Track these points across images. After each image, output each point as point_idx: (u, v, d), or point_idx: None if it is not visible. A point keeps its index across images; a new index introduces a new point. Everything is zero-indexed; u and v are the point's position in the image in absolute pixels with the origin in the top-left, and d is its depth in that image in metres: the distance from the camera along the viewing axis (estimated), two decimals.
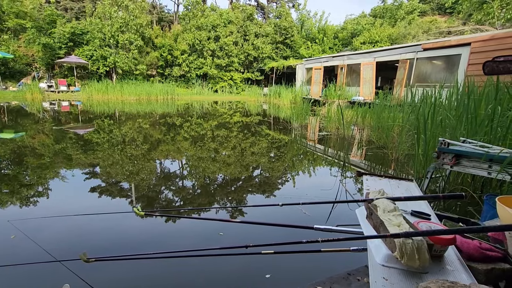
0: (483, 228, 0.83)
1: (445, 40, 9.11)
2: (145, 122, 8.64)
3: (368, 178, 1.67)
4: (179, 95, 19.78)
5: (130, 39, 18.90)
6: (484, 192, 2.73)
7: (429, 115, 3.53)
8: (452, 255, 0.96)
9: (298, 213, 2.52)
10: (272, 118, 10.65)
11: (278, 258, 1.56)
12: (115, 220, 2.31)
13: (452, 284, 0.69)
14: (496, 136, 2.86)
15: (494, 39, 7.37)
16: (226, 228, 2.12)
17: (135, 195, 3.02)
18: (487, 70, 2.07)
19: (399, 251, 0.83)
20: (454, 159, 2.58)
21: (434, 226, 0.99)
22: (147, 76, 21.53)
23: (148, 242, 1.97)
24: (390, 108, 6.11)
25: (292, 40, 24.23)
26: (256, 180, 3.75)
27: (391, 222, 0.95)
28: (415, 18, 20.71)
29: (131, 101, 16.62)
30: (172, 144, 5.71)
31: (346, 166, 4.29)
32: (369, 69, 11.63)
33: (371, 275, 0.84)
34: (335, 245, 1.20)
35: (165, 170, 4.06)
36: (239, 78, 23.55)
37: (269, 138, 6.59)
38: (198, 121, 9.19)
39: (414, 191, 1.52)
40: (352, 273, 1.14)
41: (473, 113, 3.08)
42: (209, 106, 15.40)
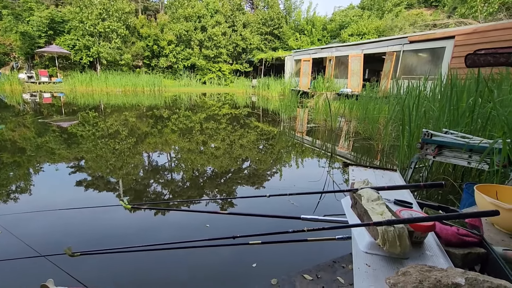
0: (459, 215, 0.87)
1: (430, 33, 9.26)
2: (131, 114, 8.46)
3: (354, 169, 1.71)
4: (166, 87, 19.41)
5: (113, 27, 18.23)
6: (464, 181, 2.84)
7: (414, 107, 3.61)
8: (432, 241, 1.00)
9: (287, 204, 2.56)
10: (261, 110, 10.64)
11: (266, 248, 1.59)
12: (101, 213, 2.28)
13: (430, 268, 0.73)
14: (477, 127, 2.97)
15: (477, 33, 7.55)
16: (214, 220, 2.13)
17: (122, 188, 2.98)
18: (469, 63, 2.12)
19: (381, 238, 0.86)
20: (437, 149, 2.66)
21: (415, 214, 1.02)
22: (133, 67, 20.96)
23: (135, 235, 1.96)
24: (376, 100, 6.21)
25: (281, 31, 24.05)
26: (245, 172, 3.76)
27: (374, 210, 0.98)
28: (402, 11, 20.90)
29: (117, 93, 16.19)
30: (159, 136, 5.63)
31: (333, 158, 4.36)
32: (357, 61, 11.73)
33: (355, 262, 0.86)
34: (321, 234, 1.23)
35: (152, 163, 4.01)
36: (227, 69, 23.26)
37: (257, 131, 6.60)
38: (186, 114, 9.08)
39: (398, 180, 1.57)
40: (337, 260, 1.17)
41: (455, 105, 3.17)
42: (198, 98, 15.20)
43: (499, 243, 1.36)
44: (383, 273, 0.82)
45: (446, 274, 0.68)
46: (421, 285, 0.65)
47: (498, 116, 2.51)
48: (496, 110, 2.50)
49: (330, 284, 1.04)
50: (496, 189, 1.51)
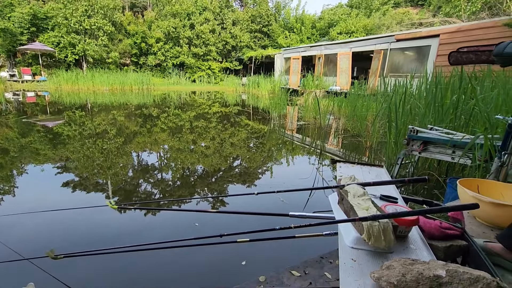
0: (441, 209, 0.89)
1: (416, 32, 9.44)
2: (120, 113, 8.31)
3: (341, 165, 1.73)
4: (155, 85, 19.14)
5: (98, 24, 17.79)
6: (449, 176, 2.92)
7: (400, 104, 3.68)
8: (416, 235, 1.02)
9: (277, 202, 2.57)
10: (251, 109, 10.63)
11: (254, 245, 1.60)
12: (87, 215, 2.23)
13: (413, 261, 0.74)
14: (460, 124, 3.05)
15: (461, 31, 7.75)
16: (202, 219, 2.12)
17: (109, 188, 2.92)
18: (452, 61, 2.17)
19: (367, 233, 0.88)
20: (422, 145, 2.72)
21: (399, 208, 1.04)
22: (120, 65, 20.55)
23: (121, 236, 1.92)
24: (364, 97, 6.30)
25: (270, 29, 24.04)
26: (235, 170, 3.75)
27: (360, 206, 0.99)
28: (389, 10, 21.23)
29: (104, 92, 15.85)
30: (148, 136, 5.55)
31: (322, 155, 4.40)
32: (346, 59, 11.85)
33: (341, 257, 0.87)
34: (308, 230, 1.23)
35: (140, 163, 3.95)
36: (217, 67, 23.11)
37: (248, 129, 6.59)
38: (176, 112, 8.98)
39: (384, 176, 1.59)
40: (325, 256, 1.18)
41: (439, 102, 3.24)
42: (187, 97, 15.06)
43: (480, 235, 1.40)
44: (369, 267, 0.83)
45: (428, 266, 0.69)
46: (404, 278, 0.67)
47: (480, 113, 2.59)
48: (479, 106, 2.57)
49: (317, 279, 1.05)
50: (478, 183, 1.56)
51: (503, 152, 1.67)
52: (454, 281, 0.65)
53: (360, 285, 0.76)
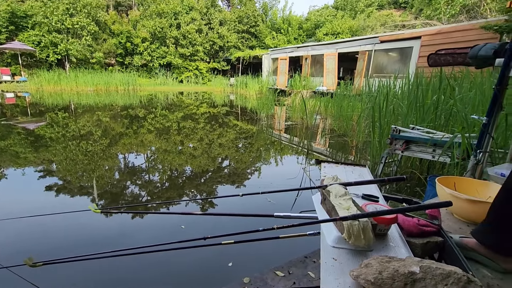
0: (418, 207, 0.93)
1: (399, 33, 9.69)
2: (104, 114, 8.12)
3: (325, 166, 1.76)
4: (142, 86, 18.84)
5: (82, 23, 17.33)
6: (430, 174, 3.01)
7: (384, 104, 3.77)
8: (395, 232, 1.06)
9: (264, 202, 2.58)
10: (240, 109, 10.62)
11: (240, 247, 1.60)
12: (69, 220, 2.17)
13: (390, 259, 0.77)
14: (440, 123, 3.15)
15: (441, 33, 8.01)
16: (189, 221, 2.11)
17: (93, 192, 2.86)
18: (431, 62, 2.24)
19: (347, 232, 0.90)
20: (405, 144, 2.80)
21: (379, 207, 1.07)
22: (105, 65, 20.09)
23: (105, 241, 1.89)
24: (350, 98, 6.41)
25: (258, 30, 24.10)
26: (222, 172, 3.74)
27: (341, 206, 1.02)
28: (373, 11, 21.71)
29: (88, 92, 15.46)
30: (134, 137, 5.45)
31: (309, 155, 4.45)
32: (332, 60, 12.02)
33: (322, 256, 0.89)
34: (292, 230, 1.25)
35: (124, 165, 3.88)
36: (205, 68, 22.96)
37: (236, 129, 6.58)
38: (163, 113, 8.86)
39: (366, 175, 1.63)
40: (309, 255, 1.20)
41: (421, 102, 3.35)
42: (174, 97, 14.89)
43: (457, 231, 1.46)
44: (349, 266, 0.85)
45: (403, 263, 0.72)
46: (380, 276, 0.69)
47: (458, 113, 2.69)
48: (456, 107, 2.67)
49: (301, 279, 1.06)
50: (455, 181, 1.62)
51: (478, 151, 1.74)
52: (427, 276, 0.67)
53: (340, 284, 0.78)
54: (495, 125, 1.75)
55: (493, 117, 1.69)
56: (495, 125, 1.76)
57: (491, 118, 1.68)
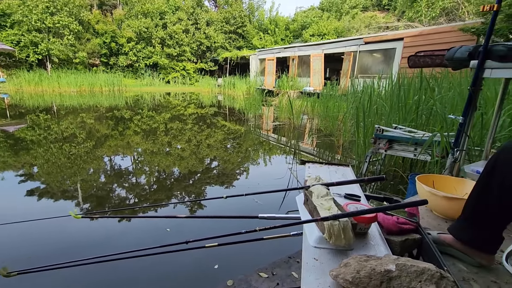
0: (395, 206, 0.95)
1: (383, 35, 9.92)
2: (89, 116, 7.92)
3: (310, 166, 1.77)
4: (127, 86, 18.47)
5: (63, 22, 16.83)
6: (412, 172, 3.10)
7: (368, 104, 3.85)
8: (375, 231, 1.08)
9: (251, 203, 2.59)
10: (228, 110, 10.58)
11: (224, 250, 1.60)
12: (49, 226, 2.10)
13: (368, 257, 0.78)
14: (421, 122, 3.25)
15: (422, 35, 8.25)
16: (174, 224, 2.08)
17: (73, 197, 2.78)
18: (411, 64, 2.31)
19: (328, 232, 0.91)
20: (388, 143, 2.87)
21: (360, 206, 1.09)
22: (89, 65, 19.59)
23: (85, 248, 1.84)
24: (335, 98, 6.51)
25: (245, 30, 24.11)
26: (210, 173, 3.72)
27: (322, 206, 1.03)
28: (358, 13, 22.13)
29: (71, 93, 15.04)
30: (120, 139, 5.34)
31: (297, 155, 4.49)
32: (318, 61, 12.16)
33: (304, 257, 0.90)
34: (276, 231, 1.26)
35: (107, 169, 3.80)
36: (192, 68, 22.77)
37: (224, 130, 6.56)
38: (150, 114, 8.72)
39: (349, 175, 1.66)
40: (293, 256, 1.21)
41: (403, 102, 3.44)
42: (161, 98, 14.68)
43: (435, 227, 1.51)
44: (330, 266, 0.86)
45: (380, 262, 0.74)
46: (358, 275, 0.70)
47: (438, 112, 2.77)
48: (436, 106, 2.76)
49: (284, 279, 1.07)
50: (433, 179, 1.67)
51: (456, 149, 1.80)
52: (402, 274, 0.69)
53: (320, 284, 0.79)
54: (471, 124, 1.81)
55: (468, 117, 1.76)
56: (471, 124, 1.83)
57: (467, 118, 1.75)
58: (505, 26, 4.07)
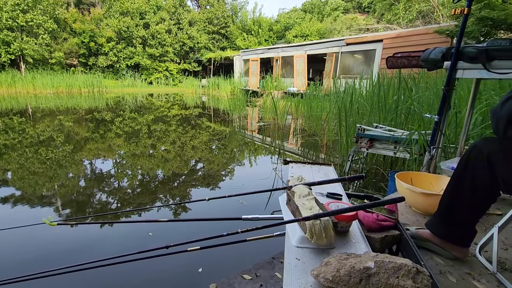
0: (374, 203, 0.97)
1: (363, 36, 10.17)
2: (67, 118, 7.62)
3: (293, 166, 1.79)
4: (108, 88, 17.93)
5: (37, 20, 16.11)
6: (393, 169, 3.19)
7: (350, 104, 3.93)
8: (356, 229, 1.10)
9: (237, 205, 2.57)
10: (212, 110, 10.50)
11: (208, 252, 1.58)
12: (21, 235, 2.00)
13: (348, 256, 0.79)
14: (401, 121, 3.35)
15: (400, 37, 8.53)
16: (157, 228, 2.04)
17: (49, 203, 2.66)
18: (389, 65, 2.38)
19: (309, 232, 0.92)
20: (369, 142, 2.94)
21: (341, 205, 1.11)
22: (66, 66, 18.86)
23: (62, 257, 1.76)
24: (319, 98, 6.60)
25: (228, 31, 24.05)
26: (196, 175, 3.67)
27: (304, 206, 1.04)
28: (339, 15, 22.60)
29: (48, 95, 14.45)
30: (101, 142, 5.17)
31: (282, 155, 4.51)
32: (301, 62, 12.30)
33: (286, 257, 0.90)
34: (260, 232, 1.25)
35: (85, 173, 3.67)
36: (175, 69, 22.44)
37: (208, 131, 6.50)
38: (132, 116, 8.51)
39: (331, 174, 1.69)
40: (276, 256, 1.21)
41: (383, 102, 3.53)
42: (144, 99, 14.37)
43: (414, 223, 1.56)
44: (311, 265, 0.87)
45: (359, 260, 0.75)
46: (338, 273, 0.71)
47: (416, 111, 2.87)
48: (413, 106, 2.85)
49: (268, 280, 1.07)
50: (411, 176, 1.72)
51: (432, 147, 1.87)
52: (381, 271, 0.71)
53: (302, 283, 0.79)
54: (445, 122, 1.89)
55: (443, 116, 1.83)
56: (446, 122, 1.91)
57: (442, 117, 1.82)
58: (476, 29, 4.29)
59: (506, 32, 4.56)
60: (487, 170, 1.00)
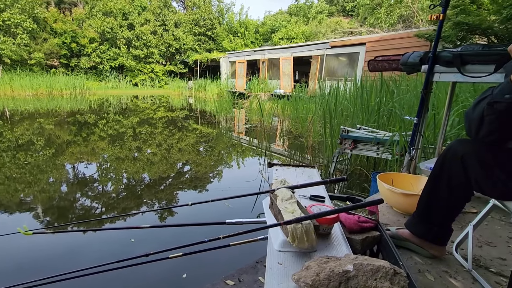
0: (354, 206, 0.99)
1: (347, 39, 10.38)
2: (48, 121, 7.36)
3: (277, 168, 1.79)
4: (91, 89, 17.45)
5: (15, 20, 15.52)
6: (376, 170, 3.26)
7: (334, 106, 3.99)
8: (338, 231, 1.11)
9: (223, 208, 2.55)
10: (199, 112, 10.40)
11: (192, 258, 1.56)
12: None
13: (328, 259, 0.80)
14: (383, 123, 3.43)
15: (382, 40, 8.76)
16: (139, 234, 1.99)
17: (24, 211, 2.55)
18: (371, 68, 2.43)
19: (291, 235, 0.92)
20: (353, 143, 2.99)
21: (323, 208, 1.12)
22: (46, 67, 18.22)
23: (38, 268, 1.69)
24: (305, 100, 6.67)
25: (215, 33, 23.97)
26: (181, 179, 3.62)
27: (286, 209, 1.04)
28: (324, 18, 22.99)
29: (27, 97, 13.92)
30: (84, 145, 5.02)
31: (268, 156, 4.52)
32: (287, 64, 12.41)
33: (268, 262, 0.90)
34: (244, 236, 1.25)
35: (64, 179, 3.54)
36: (161, 70, 22.12)
37: (195, 134, 6.43)
38: (116, 118, 8.31)
39: (315, 176, 1.70)
40: (260, 260, 1.21)
41: (366, 104, 3.61)
42: (129, 101, 14.08)
43: (395, 223, 1.59)
44: (293, 269, 0.87)
45: (339, 263, 0.76)
46: (318, 278, 0.72)
47: (397, 113, 2.95)
48: (394, 108, 2.92)
49: (251, 285, 1.06)
50: (392, 177, 1.76)
51: (412, 148, 1.92)
52: (359, 273, 0.72)
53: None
54: (424, 124, 1.95)
55: (422, 117, 1.88)
56: (425, 124, 1.97)
57: (420, 119, 1.87)
58: (453, 33, 4.46)
59: (480, 37, 4.77)
60: (462, 171, 1.03)
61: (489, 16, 4.34)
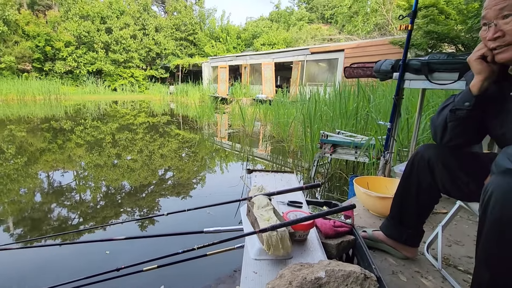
0: (328, 212, 1.01)
1: (326, 46, 10.67)
2: (19, 128, 6.98)
3: (256, 175, 1.79)
4: (67, 95, 16.78)
5: None
6: (355, 173, 3.34)
7: (314, 111, 4.06)
8: (314, 236, 1.13)
9: (204, 216, 2.52)
10: (181, 118, 10.26)
11: (168, 270, 1.52)
12: None
13: (301, 266, 0.81)
14: (360, 127, 3.53)
15: (360, 47, 9.08)
16: (114, 247, 1.92)
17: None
18: (347, 74, 2.51)
19: (266, 243, 0.92)
20: (332, 148, 3.05)
21: (299, 214, 1.13)
22: (18, 71, 17.37)
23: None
24: (286, 105, 6.75)
25: (196, 38, 23.88)
26: (162, 186, 3.54)
27: (262, 217, 1.04)
28: (304, 25, 23.54)
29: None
30: (60, 153, 4.79)
31: (250, 161, 4.52)
32: (269, 69, 12.54)
33: (243, 271, 0.89)
34: (221, 245, 1.23)
35: (33, 188, 3.37)
36: (141, 75, 21.70)
37: (177, 139, 6.32)
38: (94, 124, 8.02)
39: (293, 182, 1.72)
40: (238, 269, 1.20)
41: (344, 109, 3.71)
42: (108, 107, 13.65)
43: (371, 225, 1.63)
44: (268, 278, 0.87)
45: (312, 270, 0.76)
46: (291, 286, 0.72)
47: (373, 118, 3.04)
48: (370, 113, 3.02)
49: None
50: (368, 180, 1.81)
51: (386, 152, 1.99)
52: (331, 280, 0.73)
53: None
54: (397, 128, 2.02)
55: (394, 122, 1.96)
56: (398, 128, 2.04)
57: (393, 123, 1.94)
58: (424, 41, 4.70)
59: (449, 45, 5.05)
60: (429, 175, 1.08)
61: (456, 26, 4.61)
